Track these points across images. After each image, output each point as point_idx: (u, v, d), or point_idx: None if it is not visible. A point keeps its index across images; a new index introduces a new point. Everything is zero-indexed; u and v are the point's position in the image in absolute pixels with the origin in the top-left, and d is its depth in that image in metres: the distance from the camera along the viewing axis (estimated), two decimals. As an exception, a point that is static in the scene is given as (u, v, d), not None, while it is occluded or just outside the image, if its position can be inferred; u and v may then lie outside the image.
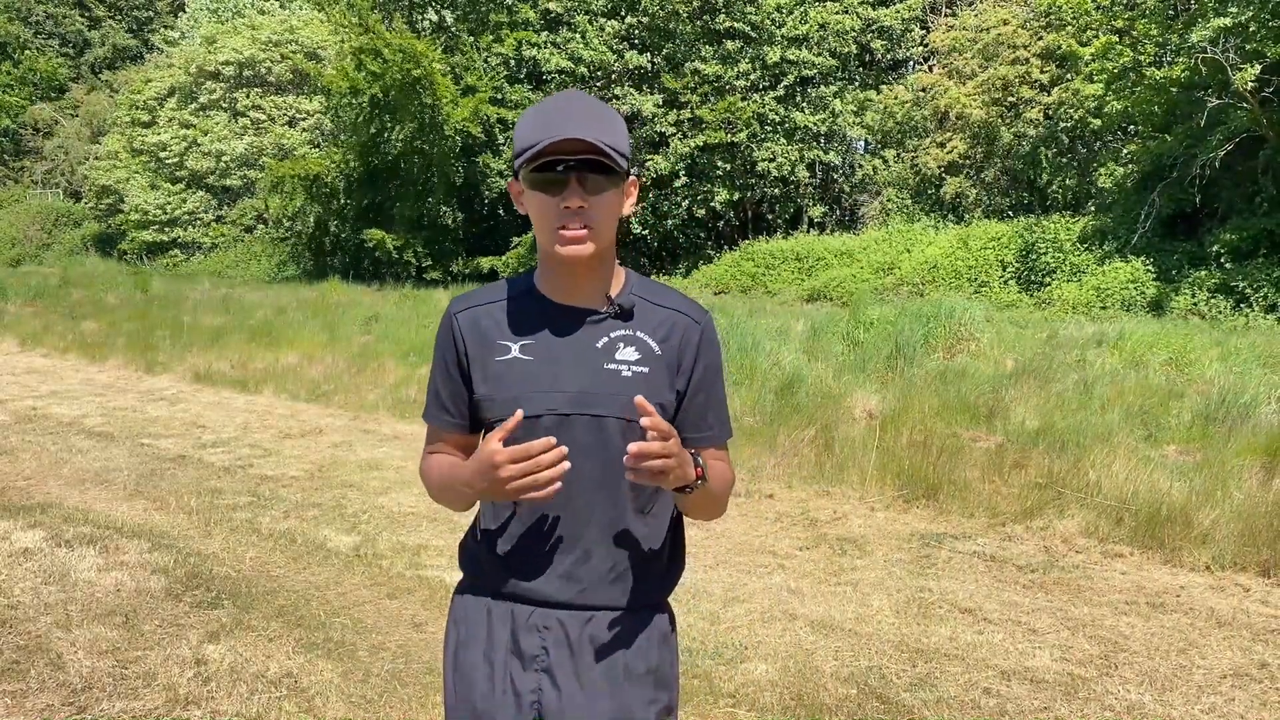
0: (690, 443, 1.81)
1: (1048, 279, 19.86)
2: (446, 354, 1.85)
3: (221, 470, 7.47)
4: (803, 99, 27.76)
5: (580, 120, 1.67)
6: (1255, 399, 8.46)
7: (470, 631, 1.85)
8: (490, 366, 1.79)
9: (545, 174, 1.69)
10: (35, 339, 14.87)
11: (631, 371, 1.76)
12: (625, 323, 1.80)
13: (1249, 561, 5.35)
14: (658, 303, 1.84)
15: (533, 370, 1.76)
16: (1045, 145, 24.07)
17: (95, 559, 5.28)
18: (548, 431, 1.68)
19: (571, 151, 1.66)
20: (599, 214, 1.71)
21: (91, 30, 54.20)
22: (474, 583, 1.88)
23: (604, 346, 1.77)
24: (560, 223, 1.70)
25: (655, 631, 1.86)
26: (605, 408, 1.74)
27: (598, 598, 1.79)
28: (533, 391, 1.75)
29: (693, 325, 1.83)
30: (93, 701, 3.73)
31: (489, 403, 1.79)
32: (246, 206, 35.10)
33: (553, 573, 1.78)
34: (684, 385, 1.82)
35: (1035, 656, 4.26)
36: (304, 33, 34.75)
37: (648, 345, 1.79)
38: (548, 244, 1.73)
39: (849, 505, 6.56)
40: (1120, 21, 19.63)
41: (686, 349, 1.82)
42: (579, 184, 1.68)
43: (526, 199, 1.75)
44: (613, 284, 1.82)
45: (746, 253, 25.72)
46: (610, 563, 1.80)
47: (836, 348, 11.69)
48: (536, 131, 1.68)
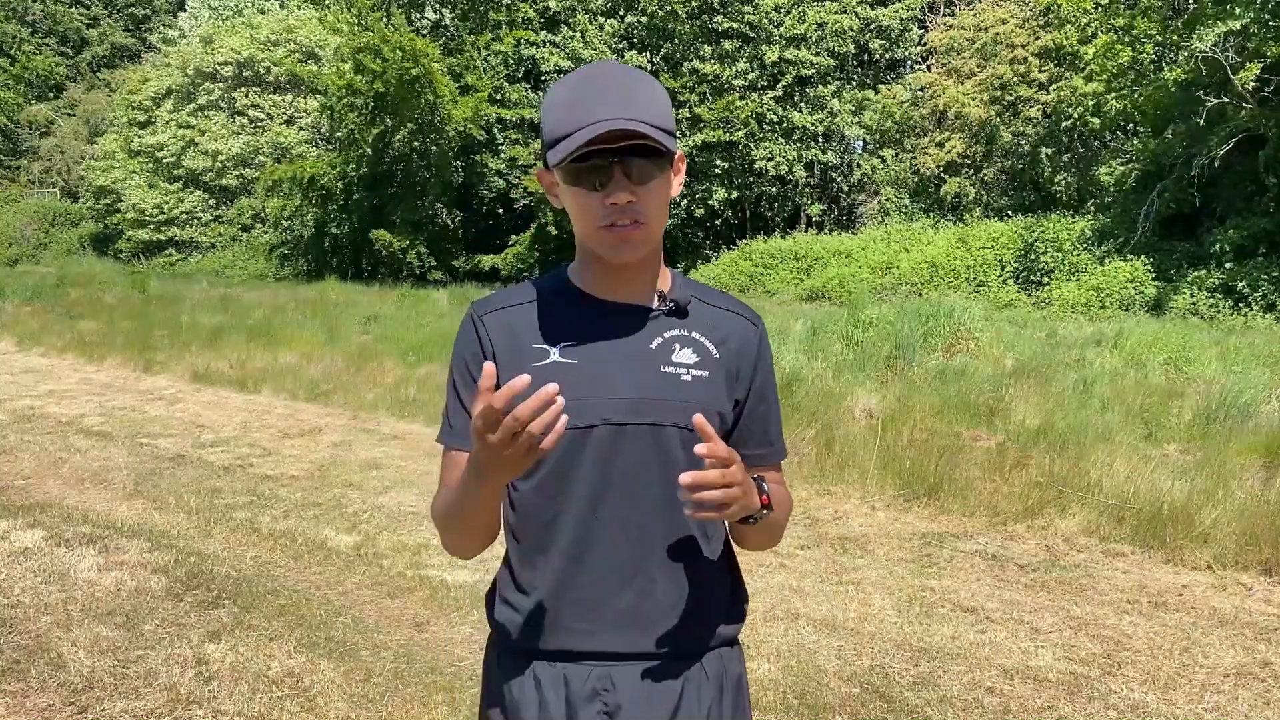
0: (751, 461, 1.61)
1: (1047, 278, 19.88)
2: (471, 359, 1.58)
3: (221, 470, 7.46)
4: (801, 98, 27.79)
5: (618, 100, 1.44)
6: (1255, 398, 8.46)
7: (518, 704, 1.56)
8: (525, 374, 1.47)
9: (584, 165, 1.46)
10: (33, 338, 14.84)
11: (691, 375, 1.55)
12: (680, 321, 1.59)
13: (1250, 560, 5.35)
14: (711, 302, 1.64)
15: (579, 375, 1.52)
16: (1044, 144, 24.09)
17: (95, 558, 5.27)
18: (601, 444, 1.50)
19: (613, 140, 1.43)
20: (649, 205, 1.49)
21: (89, 28, 54.16)
22: (510, 640, 1.58)
23: (659, 347, 1.56)
24: (606, 220, 1.48)
25: (731, 676, 1.62)
26: (665, 415, 1.53)
27: (663, 642, 1.54)
28: (582, 399, 1.48)
29: (750, 328, 1.65)
30: (94, 701, 3.72)
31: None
32: (244, 206, 35.08)
33: (611, 614, 1.52)
34: (743, 394, 1.63)
35: (1038, 655, 4.26)
36: (302, 32, 34.72)
37: (705, 347, 1.59)
38: (592, 244, 1.52)
39: (850, 504, 6.55)
40: (1120, 20, 19.64)
41: (745, 354, 1.63)
42: (624, 175, 1.46)
43: (563, 194, 1.53)
44: (661, 280, 1.61)
45: (745, 252, 25.74)
46: (677, 595, 1.55)
47: (836, 347, 11.69)
48: (570, 118, 1.44)
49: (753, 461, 1.63)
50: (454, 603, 4.78)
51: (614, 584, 1.53)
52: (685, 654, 1.56)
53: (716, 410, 1.57)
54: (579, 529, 1.52)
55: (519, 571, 1.58)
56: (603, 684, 1.52)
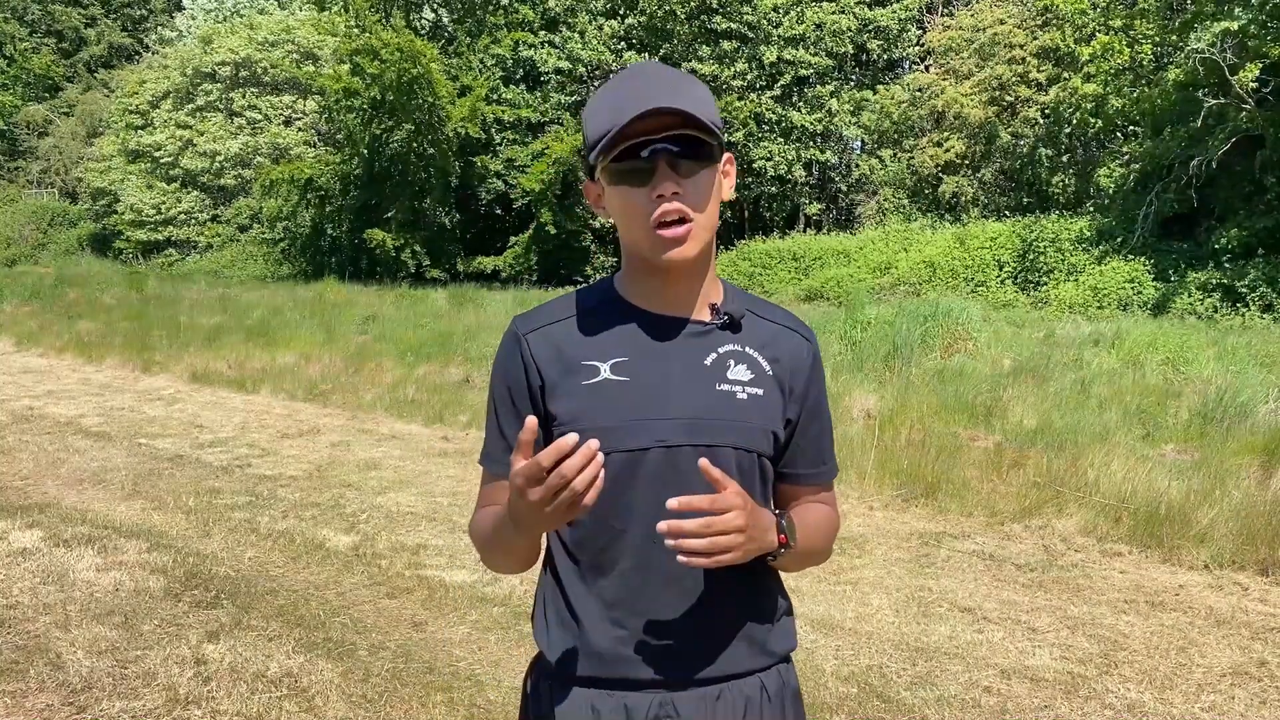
0: (803, 480, 1.61)
1: (1045, 279, 19.90)
2: (514, 384, 1.52)
3: (219, 470, 7.46)
4: (799, 98, 27.81)
5: (659, 91, 1.39)
6: (1252, 398, 8.47)
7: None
8: (575, 393, 1.48)
9: (627, 163, 1.41)
10: (31, 339, 14.85)
11: (747, 394, 1.50)
12: (734, 336, 1.53)
13: (1247, 560, 5.36)
14: (764, 316, 1.58)
15: (632, 393, 1.47)
16: (1043, 145, 24.11)
17: (94, 559, 5.27)
18: (655, 466, 1.45)
19: (656, 130, 1.39)
20: (698, 200, 1.43)
21: (87, 28, 54.13)
22: (563, 668, 1.51)
23: (714, 363, 1.50)
24: (653, 217, 1.42)
25: (788, 691, 1.59)
26: (720, 436, 1.47)
27: (726, 664, 1.51)
28: (635, 419, 1.45)
29: (804, 344, 1.58)
30: (92, 701, 3.72)
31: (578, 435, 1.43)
32: (241, 206, 35.07)
33: (673, 640, 1.48)
34: (796, 413, 1.56)
35: (1035, 655, 4.26)
36: (300, 32, 34.71)
37: (759, 364, 1.52)
38: (641, 247, 1.45)
39: (848, 504, 6.56)
40: (1118, 21, 19.66)
41: (799, 371, 1.56)
42: (670, 167, 1.41)
43: (608, 198, 1.47)
44: (713, 291, 1.54)
45: (743, 252, 25.75)
46: (737, 616, 1.52)
47: (834, 347, 11.70)
48: (609, 117, 1.40)
49: (805, 480, 1.62)
50: (452, 603, 4.79)
51: (674, 609, 1.48)
52: (746, 674, 1.53)
53: (771, 429, 1.53)
54: (637, 554, 1.47)
55: (573, 596, 1.52)
56: (665, 711, 1.48)
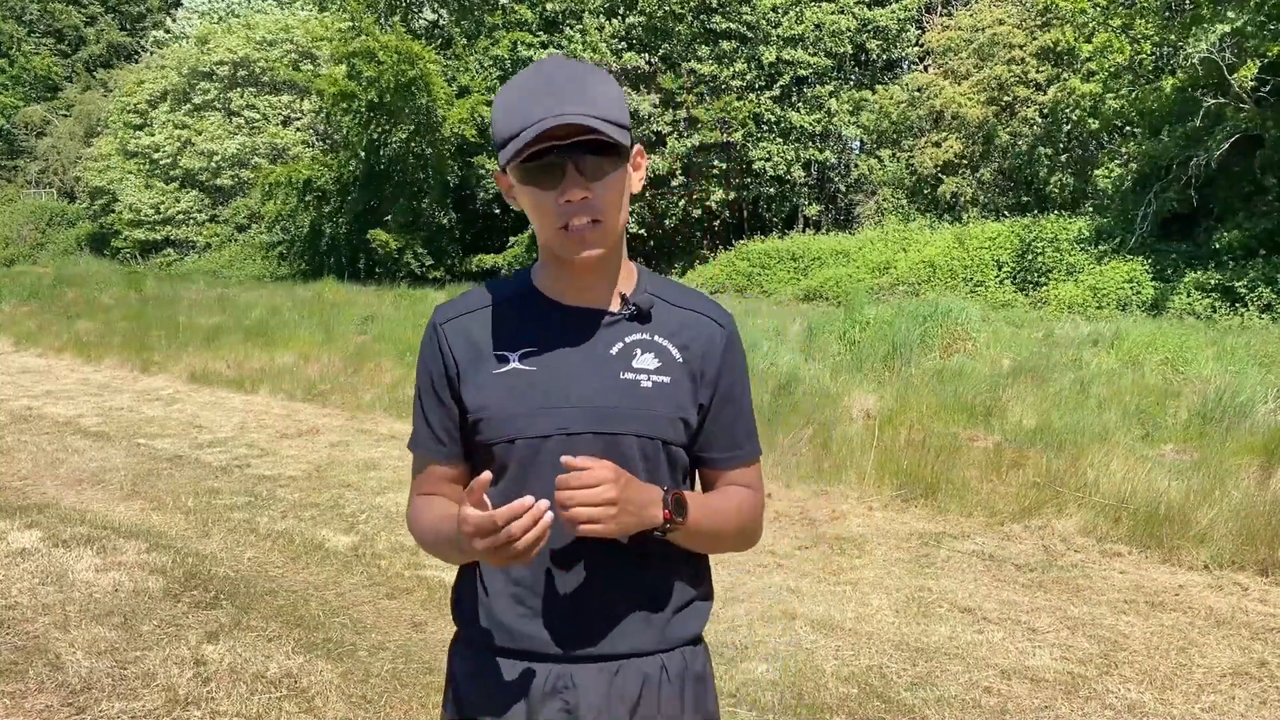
0: (719, 464, 1.65)
1: (1044, 279, 19.89)
2: (434, 372, 1.59)
3: (218, 470, 7.46)
4: (798, 99, 27.81)
5: (566, 95, 1.41)
6: (1252, 398, 8.47)
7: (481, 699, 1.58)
8: (486, 381, 1.55)
9: (536, 164, 1.44)
10: (30, 339, 14.84)
11: (651, 382, 1.54)
12: (642, 325, 1.57)
13: (1247, 560, 5.36)
14: (676, 303, 1.61)
15: (538, 383, 1.53)
16: (1042, 145, 24.11)
17: (93, 559, 5.27)
18: (555, 455, 1.46)
19: (563, 135, 1.41)
20: (606, 202, 1.47)
21: (86, 27, 54.09)
22: (475, 636, 1.61)
23: (619, 353, 1.55)
24: (562, 219, 1.46)
25: (692, 673, 1.62)
26: (623, 424, 1.52)
27: (626, 643, 1.55)
28: (539, 408, 1.52)
29: (717, 329, 1.61)
30: (92, 702, 3.72)
31: (486, 424, 1.55)
32: (239, 206, 35.04)
33: (574, 617, 1.54)
34: (708, 398, 1.60)
35: (1035, 655, 4.26)
36: (299, 32, 34.68)
37: (668, 352, 1.56)
38: (552, 245, 1.51)
39: (847, 505, 6.56)
40: (1118, 20, 19.67)
41: (710, 357, 1.59)
42: (577, 171, 1.44)
43: (519, 195, 1.52)
44: (624, 280, 1.59)
45: (742, 252, 25.73)
46: (638, 598, 1.56)
47: (833, 347, 11.69)
48: (518, 117, 1.43)
49: (720, 464, 1.65)
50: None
51: (573, 588, 1.54)
52: (646, 654, 1.57)
53: (680, 416, 1.56)
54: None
55: (485, 573, 1.59)
56: (564, 682, 1.54)
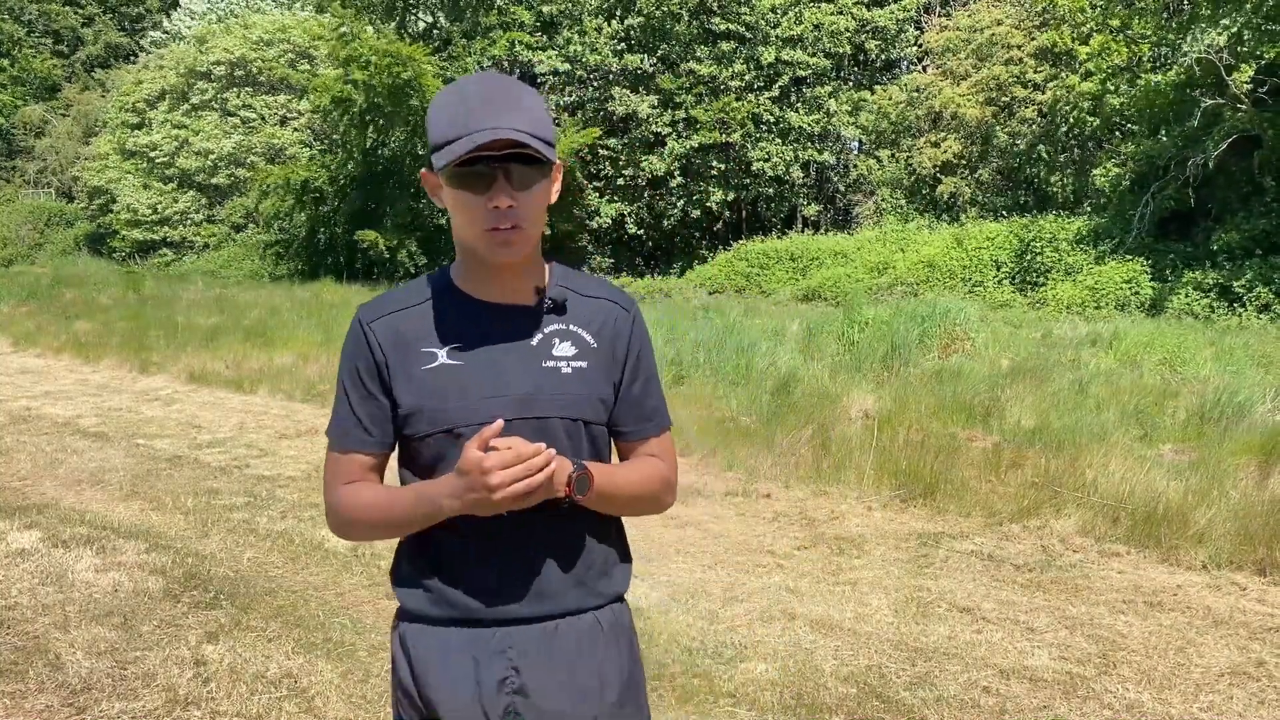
0: (633, 435, 1.79)
1: (1042, 279, 19.91)
2: (362, 368, 1.69)
3: (218, 470, 7.46)
4: (797, 99, 27.81)
5: (502, 110, 1.55)
6: (1250, 398, 8.49)
7: (429, 667, 1.69)
8: (415, 376, 1.65)
9: (468, 169, 1.56)
10: (29, 339, 14.84)
11: (570, 368, 1.68)
12: (558, 316, 1.71)
13: (1245, 560, 5.37)
14: (586, 294, 1.75)
15: (466, 376, 1.64)
16: (1040, 145, 24.13)
17: (92, 559, 5.27)
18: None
19: (494, 147, 1.54)
20: (529, 210, 1.60)
21: (84, 27, 54.06)
22: (420, 612, 1.71)
23: (540, 343, 1.68)
24: (488, 224, 1.58)
25: (620, 626, 1.78)
26: (548, 409, 1.66)
27: (560, 604, 1.69)
28: (470, 400, 1.63)
29: (623, 314, 1.76)
30: (92, 702, 3.72)
31: (421, 417, 1.65)
32: (236, 205, 35.02)
33: (510, 587, 1.66)
34: (619, 376, 1.75)
35: (1034, 655, 4.27)
36: (296, 32, 34.66)
37: (583, 339, 1.71)
38: (474, 245, 1.62)
39: (846, 505, 6.57)
40: (1116, 20, 19.69)
41: (620, 339, 1.75)
42: (506, 180, 1.56)
43: (446, 196, 1.62)
44: (539, 276, 1.73)
45: (741, 253, 25.74)
46: (569, 565, 1.70)
47: (832, 348, 11.70)
48: (455, 125, 1.55)
49: (632, 436, 1.80)
50: (451, 603, 4.78)
51: (511, 560, 1.67)
52: (579, 612, 1.72)
53: (598, 396, 1.71)
54: (476, 519, 1.61)
55: (423, 552, 1.70)
56: (509, 643, 1.67)
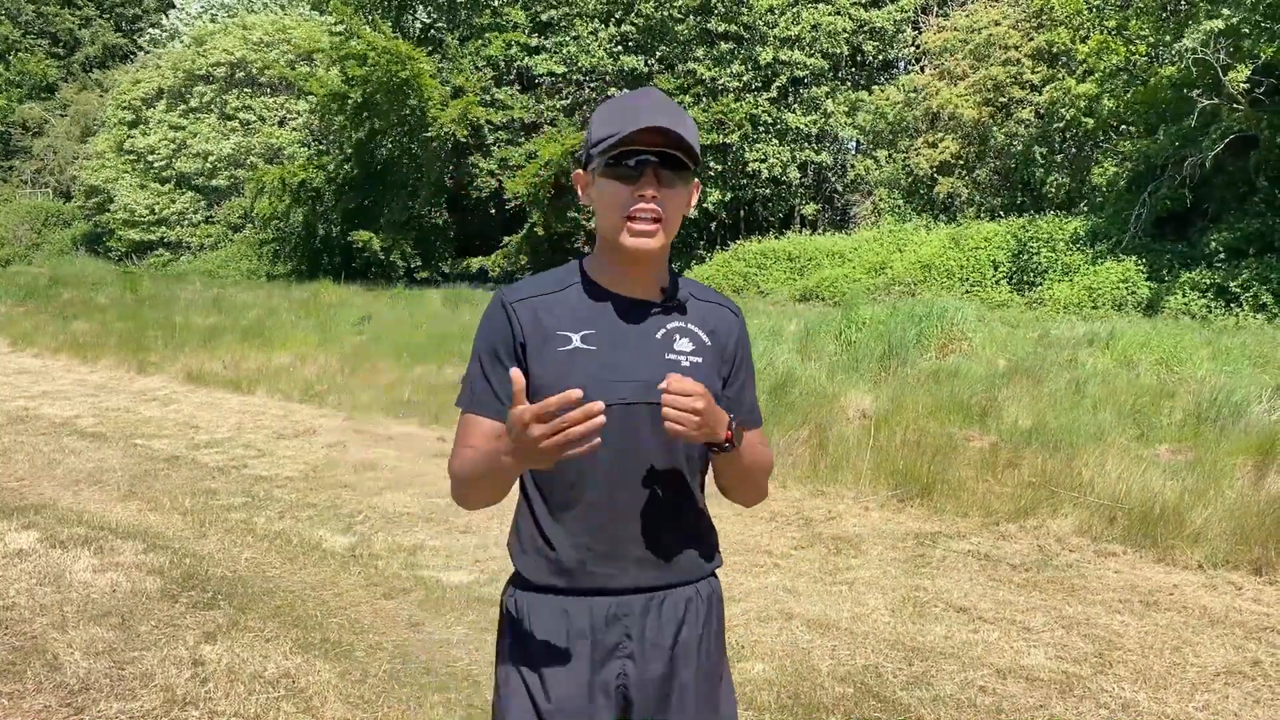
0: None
1: (1039, 279, 19.92)
2: (500, 341, 1.83)
3: (215, 471, 7.46)
4: (795, 99, 27.81)
5: (667, 114, 1.72)
6: (1246, 398, 8.50)
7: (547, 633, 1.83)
8: (551, 356, 1.80)
9: (622, 164, 1.73)
10: (26, 339, 14.82)
11: (689, 362, 1.83)
12: (681, 316, 1.87)
13: (1241, 560, 5.38)
14: (701, 297, 1.92)
15: (597, 360, 1.79)
16: (1037, 145, 24.14)
17: (90, 560, 5.27)
18: (616, 420, 1.69)
19: (651, 144, 1.71)
20: (670, 207, 1.76)
21: (81, 29, 53.98)
22: (540, 580, 1.85)
23: (663, 338, 1.83)
24: (632, 212, 1.74)
25: (715, 596, 1.95)
26: None
27: (669, 576, 1.85)
28: (599, 381, 1.76)
29: (734, 318, 1.95)
30: (90, 703, 3.72)
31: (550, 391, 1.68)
32: (234, 205, 35.00)
33: (629, 559, 1.81)
34: (728, 373, 1.92)
35: (1030, 655, 4.28)
36: (296, 32, 34.63)
37: (699, 337, 1.87)
38: (615, 234, 1.77)
39: (844, 505, 6.58)
40: (1113, 21, 19.70)
41: (730, 340, 1.92)
42: (654, 176, 1.73)
43: (596, 189, 1.79)
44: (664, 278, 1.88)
45: (738, 253, 25.75)
46: (680, 540, 1.86)
47: (829, 347, 11.71)
48: (617, 123, 1.72)
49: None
50: (449, 603, 4.79)
51: (631, 534, 1.82)
52: (684, 583, 1.88)
53: (711, 389, 1.79)
54: (600, 491, 1.80)
55: (544, 524, 1.84)
56: (622, 610, 1.82)
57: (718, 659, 1.96)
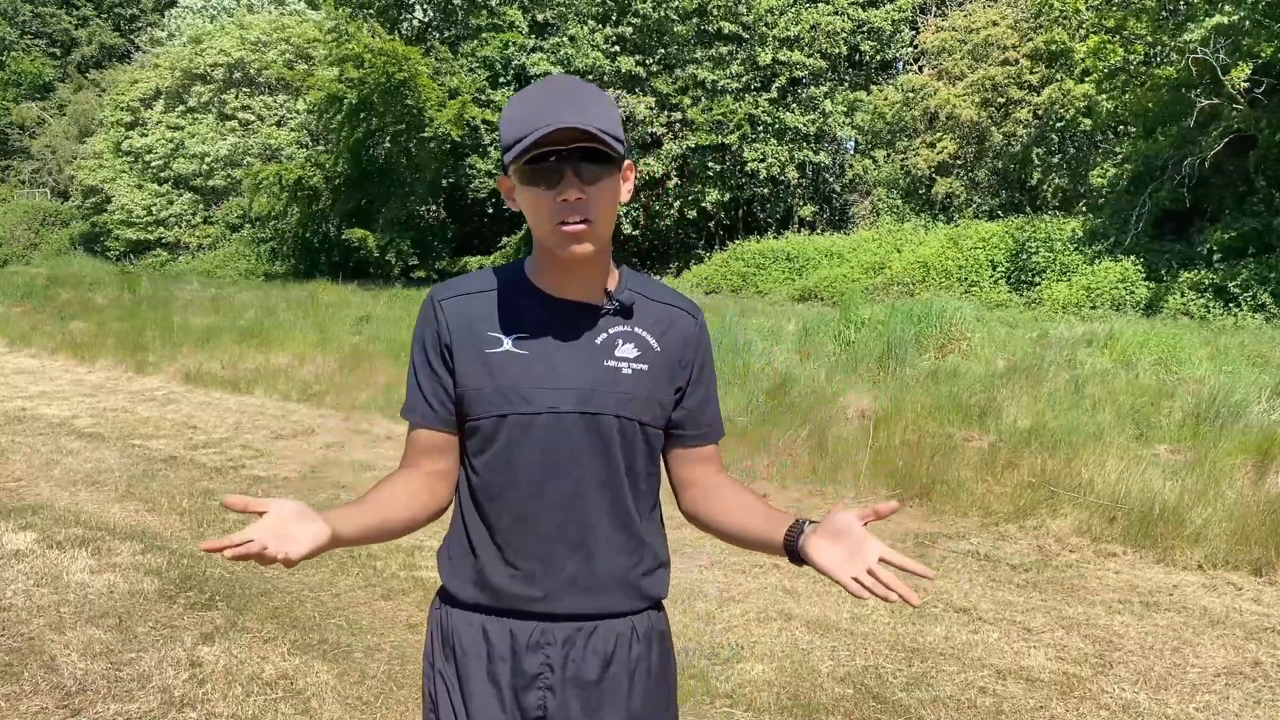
0: (690, 441, 1.80)
1: (1038, 279, 19.93)
2: (429, 344, 1.72)
3: (213, 471, 7.44)
4: (793, 100, 27.81)
5: (570, 106, 1.56)
6: (1245, 398, 8.50)
7: (467, 653, 1.71)
8: (478, 359, 1.68)
9: (538, 166, 1.57)
10: (24, 339, 14.79)
11: (631, 369, 1.69)
12: (625, 319, 1.72)
13: (1241, 560, 5.37)
14: (654, 298, 1.77)
15: (528, 365, 1.66)
16: (1036, 145, 24.15)
17: (88, 561, 5.26)
18: (544, 430, 1.63)
19: (564, 141, 1.55)
20: (598, 205, 1.60)
21: (79, 29, 53.93)
22: (464, 596, 1.72)
23: (603, 343, 1.69)
24: (558, 218, 1.59)
25: (655, 632, 1.77)
26: (605, 406, 1.67)
27: (602, 604, 1.70)
28: (529, 387, 1.65)
29: (690, 321, 1.79)
30: (87, 704, 3.71)
31: (477, 396, 1.67)
32: (232, 205, 34.96)
33: (555, 581, 1.67)
34: (684, 381, 1.77)
35: (1030, 655, 4.27)
36: (294, 31, 34.59)
37: (647, 342, 1.72)
38: (546, 242, 1.64)
39: (843, 505, 6.56)
40: (1112, 21, 19.71)
41: (686, 345, 1.77)
42: (575, 175, 1.57)
43: (519, 195, 1.64)
44: (609, 279, 1.74)
45: (737, 253, 25.74)
46: (615, 566, 1.70)
47: (828, 347, 11.70)
48: (525, 122, 1.56)
49: (690, 442, 1.81)
50: (448, 604, 4.77)
51: (558, 554, 1.68)
52: (618, 615, 1.72)
53: (657, 399, 1.72)
54: (526, 504, 1.67)
55: (474, 537, 1.72)
56: (545, 638, 1.68)
57: (656, 709, 1.77)
